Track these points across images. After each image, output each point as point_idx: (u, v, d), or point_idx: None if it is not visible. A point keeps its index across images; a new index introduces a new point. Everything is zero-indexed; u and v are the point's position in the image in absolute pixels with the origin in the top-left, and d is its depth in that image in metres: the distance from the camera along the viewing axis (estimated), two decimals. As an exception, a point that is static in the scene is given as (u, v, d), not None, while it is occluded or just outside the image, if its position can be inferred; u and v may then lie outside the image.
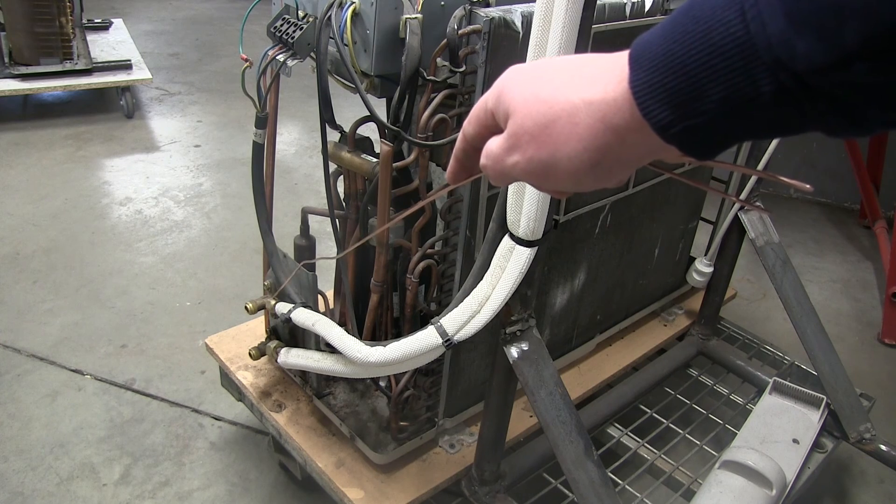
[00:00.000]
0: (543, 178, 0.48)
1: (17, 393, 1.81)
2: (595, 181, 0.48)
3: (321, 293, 1.36)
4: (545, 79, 0.47)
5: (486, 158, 0.51)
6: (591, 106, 0.44)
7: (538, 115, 0.46)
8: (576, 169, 0.46)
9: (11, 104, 3.38)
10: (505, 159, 0.49)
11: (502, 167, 0.50)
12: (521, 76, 0.49)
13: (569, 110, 0.45)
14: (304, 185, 2.96)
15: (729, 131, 0.42)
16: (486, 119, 0.51)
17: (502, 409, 1.22)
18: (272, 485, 1.62)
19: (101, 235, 2.49)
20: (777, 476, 1.33)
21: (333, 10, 1.07)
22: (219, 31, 4.75)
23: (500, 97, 0.49)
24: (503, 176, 0.51)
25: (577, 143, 0.45)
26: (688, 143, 0.43)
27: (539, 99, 0.46)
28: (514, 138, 0.48)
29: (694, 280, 1.77)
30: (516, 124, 0.47)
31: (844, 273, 2.64)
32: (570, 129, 0.45)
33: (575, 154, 0.45)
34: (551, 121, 0.46)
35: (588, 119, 0.44)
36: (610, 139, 0.44)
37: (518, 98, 0.48)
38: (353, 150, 1.23)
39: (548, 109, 0.46)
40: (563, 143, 0.45)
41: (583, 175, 0.47)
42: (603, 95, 0.44)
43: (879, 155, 2.81)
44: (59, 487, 1.58)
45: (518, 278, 1.02)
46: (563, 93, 0.45)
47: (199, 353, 1.96)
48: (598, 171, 0.46)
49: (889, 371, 2.16)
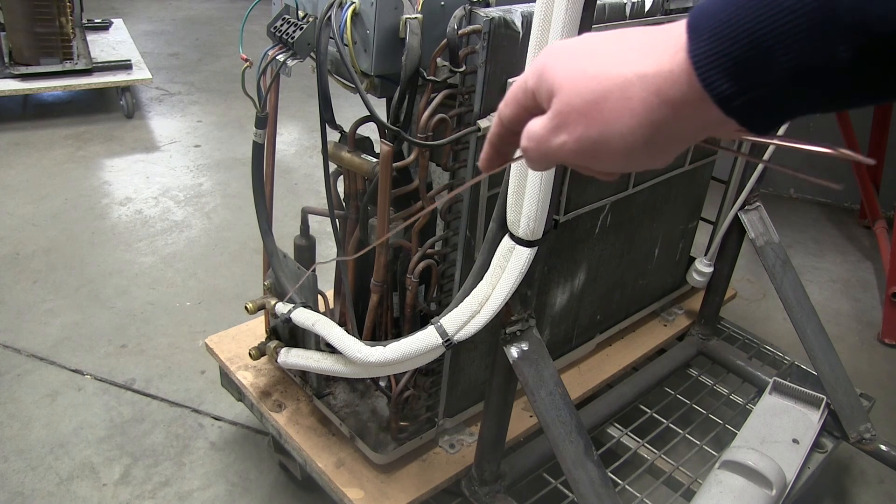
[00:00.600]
0: (592, 157, 0.46)
1: (17, 393, 1.81)
2: (647, 159, 0.45)
3: (321, 293, 1.36)
4: (592, 54, 0.45)
5: (529, 140, 0.48)
6: (644, 79, 0.42)
7: (587, 91, 0.44)
8: (628, 146, 0.44)
9: (11, 104, 3.38)
10: (550, 140, 0.47)
11: (547, 148, 0.47)
12: (564, 52, 0.46)
13: (620, 85, 0.43)
14: (304, 185, 2.96)
15: (795, 103, 0.39)
16: (526, 100, 0.49)
17: (502, 409, 1.22)
18: (272, 485, 1.62)
19: (101, 235, 2.49)
20: (777, 476, 1.33)
21: (333, 10, 1.07)
22: (219, 31, 4.75)
23: (541, 75, 0.47)
24: (547, 158, 0.48)
25: (631, 119, 0.43)
26: (750, 115, 0.40)
27: (587, 75, 0.44)
28: (560, 117, 0.46)
29: (694, 280, 1.77)
30: (563, 102, 0.45)
31: (844, 273, 2.64)
32: (623, 104, 0.43)
33: (628, 131, 0.43)
34: (602, 97, 0.43)
35: (642, 93, 0.42)
36: (665, 114, 0.42)
37: (563, 75, 0.45)
38: (353, 150, 1.23)
39: (597, 85, 0.43)
40: (616, 119, 0.43)
41: (636, 153, 0.44)
42: (657, 68, 0.42)
43: (879, 155, 2.81)
44: (59, 487, 1.58)
45: (518, 278, 1.02)
46: (613, 67, 0.43)
47: (199, 353, 1.96)
48: (651, 147, 0.44)
49: (889, 371, 2.16)
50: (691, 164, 1.61)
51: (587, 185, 1.37)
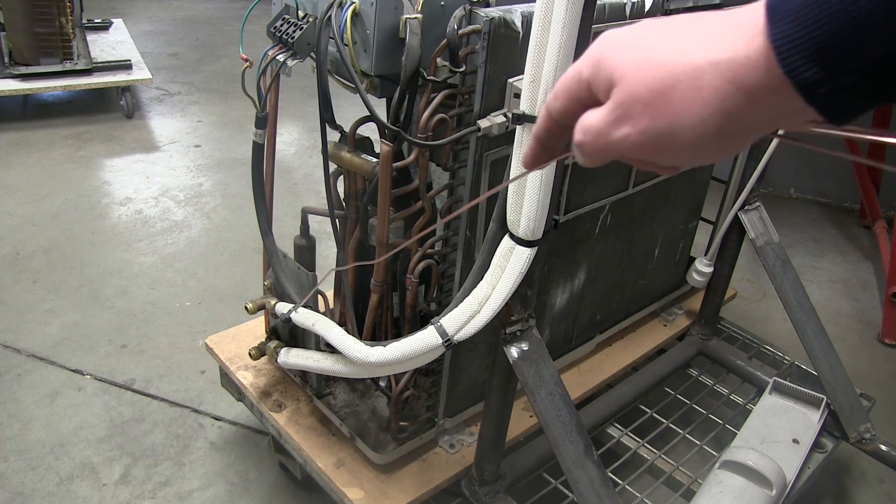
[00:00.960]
0: (657, 151, 0.44)
1: (17, 393, 1.81)
2: (716, 151, 0.43)
3: (321, 293, 1.36)
4: (656, 41, 0.42)
5: (585, 134, 0.45)
6: (717, 66, 0.40)
7: (653, 80, 0.42)
8: (698, 138, 0.42)
9: (11, 104, 3.38)
10: (611, 133, 0.44)
11: (607, 142, 0.45)
12: (624, 40, 0.44)
13: (691, 72, 0.40)
14: (304, 185, 2.96)
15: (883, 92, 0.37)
16: (580, 91, 0.46)
17: (502, 409, 1.22)
18: (272, 485, 1.62)
19: (101, 235, 2.49)
20: (777, 476, 1.33)
21: (333, 10, 1.07)
22: (219, 31, 4.75)
23: (599, 65, 0.44)
24: (605, 152, 0.46)
25: (702, 110, 0.41)
26: (833, 104, 0.38)
27: (652, 63, 0.42)
28: (622, 108, 0.43)
29: (694, 280, 1.77)
30: (626, 93, 0.43)
31: (844, 273, 2.64)
32: (693, 93, 0.40)
33: (699, 121, 0.41)
34: (669, 86, 0.41)
35: (714, 81, 0.40)
36: (740, 103, 0.40)
37: (625, 64, 0.43)
38: (353, 150, 1.23)
39: (664, 73, 0.41)
40: (685, 110, 0.41)
41: (705, 144, 0.42)
42: (732, 54, 0.39)
43: (879, 155, 2.81)
44: (59, 487, 1.58)
45: (518, 278, 1.02)
46: (681, 54, 0.41)
47: (199, 353, 1.96)
48: (722, 139, 0.42)
49: (889, 371, 2.16)
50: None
51: (587, 185, 1.37)
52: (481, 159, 1.11)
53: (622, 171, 1.44)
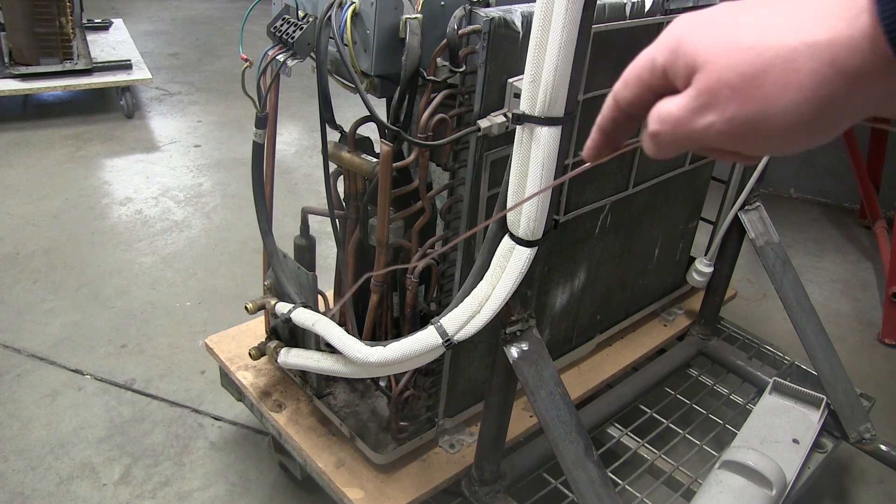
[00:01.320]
0: (744, 139, 0.41)
1: (17, 393, 1.81)
2: (809, 139, 0.41)
3: (321, 293, 1.36)
4: (742, 22, 0.40)
5: (663, 124, 0.43)
6: (815, 48, 0.37)
7: (743, 64, 0.39)
8: (792, 125, 0.39)
9: (11, 104, 3.38)
10: (693, 122, 0.42)
11: (688, 132, 0.42)
12: (705, 23, 0.41)
13: (785, 56, 0.38)
14: (304, 185, 2.96)
15: None
16: (653, 79, 0.44)
17: (502, 409, 1.22)
18: (272, 485, 1.62)
19: (101, 235, 2.49)
20: (777, 476, 1.33)
21: (333, 10, 1.07)
22: (219, 31, 4.75)
23: (677, 49, 0.42)
24: (683, 143, 0.43)
25: (797, 94, 0.38)
26: None
27: (741, 46, 0.39)
28: (707, 95, 0.41)
29: (694, 280, 1.77)
30: (711, 78, 0.40)
31: (844, 273, 2.64)
32: (788, 77, 0.38)
33: (793, 107, 0.39)
34: (761, 70, 0.39)
35: (812, 63, 0.37)
36: (840, 86, 0.38)
37: (710, 48, 0.40)
38: (353, 150, 1.23)
39: (755, 57, 0.39)
40: (779, 95, 0.39)
41: (798, 132, 0.40)
42: (831, 34, 0.37)
43: (879, 155, 2.81)
44: (59, 487, 1.58)
45: (518, 278, 1.02)
46: (773, 35, 0.38)
47: (199, 353, 1.96)
48: (816, 125, 0.39)
49: (889, 371, 2.16)
50: (691, 164, 1.61)
51: (587, 185, 1.37)
52: (481, 159, 1.11)
53: (622, 171, 1.44)
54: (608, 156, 0.50)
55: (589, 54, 1.12)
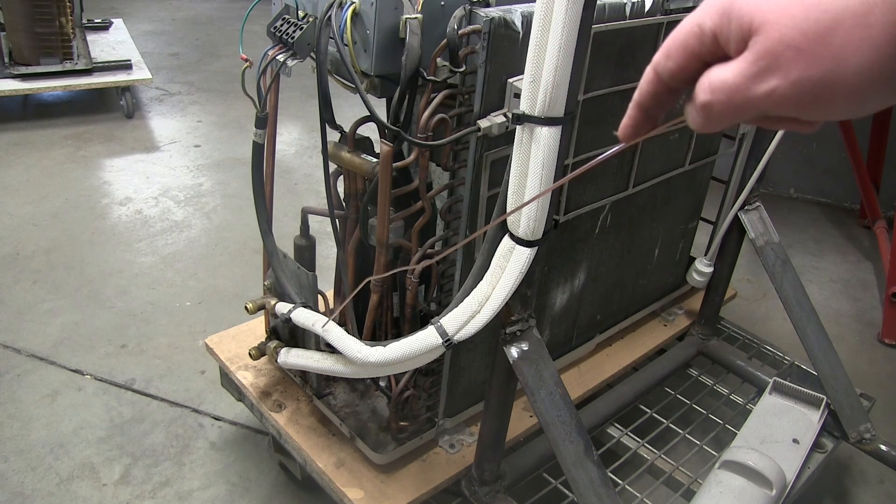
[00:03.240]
0: (811, 104, 0.38)
1: (17, 393, 1.81)
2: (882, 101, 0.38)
3: (321, 293, 1.36)
4: None
5: (716, 93, 0.40)
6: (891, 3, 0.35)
7: (808, 21, 0.36)
8: (865, 85, 0.37)
9: (11, 104, 3.38)
10: (752, 88, 0.39)
11: (746, 99, 0.39)
12: None
13: (855, 9, 0.35)
14: (304, 185, 2.96)
15: None
16: (702, 46, 0.41)
17: (502, 409, 1.22)
18: (272, 485, 1.62)
19: (101, 235, 2.49)
20: (777, 476, 1.33)
21: (333, 10, 1.07)
22: (219, 31, 4.75)
23: (729, 12, 0.39)
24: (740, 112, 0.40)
25: (871, 51, 0.35)
26: None
27: (806, 2, 0.36)
28: (769, 58, 0.37)
29: (694, 280, 1.77)
30: (772, 39, 0.37)
31: (844, 273, 2.64)
32: (861, 33, 0.35)
33: (867, 65, 0.36)
34: (830, 27, 0.36)
35: (889, 16, 0.35)
36: None
37: (767, 6, 0.37)
38: (353, 150, 1.23)
39: (822, 14, 0.36)
40: (851, 53, 0.36)
41: (872, 93, 0.37)
42: None
43: (879, 155, 2.81)
44: (59, 487, 1.58)
45: (518, 278, 1.02)
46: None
47: (199, 353, 1.96)
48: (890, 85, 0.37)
49: (889, 371, 2.16)
50: (691, 164, 1.61)
51: (587, 185, 1.37)
52: (481, 159, 1.11)
53: (622, 171, 1.44)
54: (646, 135, 0.47)
55: (589, 54, 1.13)
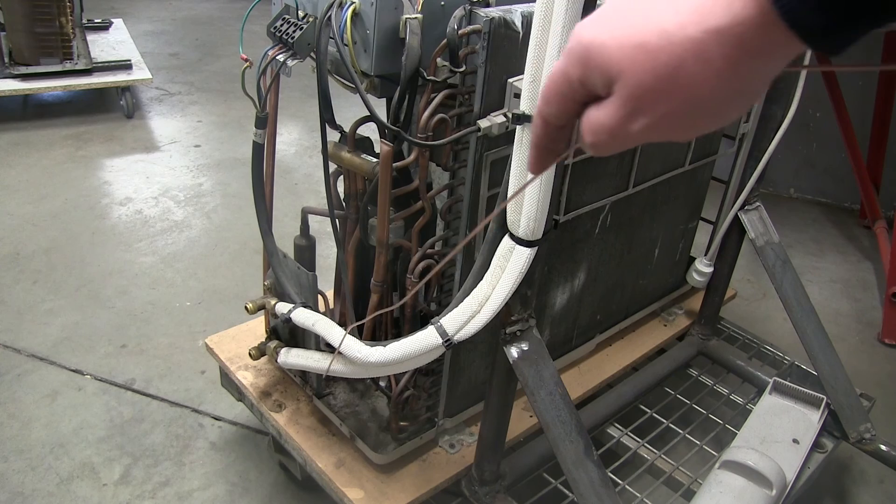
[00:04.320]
0: (682, 129, 0.43)
1: (17, 393, 1.81)
2: (738, 110, 0.43)
3: (321, 293, 1.36)
4: (640, 23, 0.40)
5: (597, 134, 0.44)
6: (720, 35, 0.38)
7: (656, 66, 0.40)
8: (720, 106, 0.41)
9: (11, 104, 3.38)
10: (628, 127, 0.43)
11: (624, 137, 0.43)
12: (605, 29, 0.42)
13: (694, 50, 0.39)
14: (304, 185, 2.96)
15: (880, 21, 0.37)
16: (574, 91, 0.44)
17: (502, 409, 1.22)
18: (272, 485, 1.62)
19: (101, 235, 2.49)
20: (777, 476, 1.33)
21: (333, 10, 1.07)
22: (219, 31, 4.75)
23: (588, 62, 0.42)
24: (622, 145, 0.44)
25: (716, 81, 0.40)
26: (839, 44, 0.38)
27: (649, 49, 0.40)
28: (634, 101, 0.41)
29: (694, 280, 1.77)
30: (632, 86, 0.41)
31: (844, 273, 2.64)
32: (704, 67, 0.39)
33: (716, 91, 0.40)
34: (676, 68, 0.39)
35: (722, 50, 0.39)
36: (752, 63, 0.39)
37: (619, 55, 0.41)
38: (353, 150, 1.23)
39: (667, 57, 0.39)
40: (700, 85, 0.40)
41: (727, 109, 0.42)
42: (731, 19, 0.38)
43: (879, 155, 2.81)
44: (59, 487, 1.58)
45: (518, 278, 1.02)
46: (676, 31, 0.39)
47: (199, 353, 1.96)
48: (742, 98, 0.42)
49: (889, 371, 2.16)
50: (691, 164, 1.61)
51: (587, 184, 1.37)
52: (481, 159, 1.11)
53: (622, 171, 1.44)
54: (552, 164, 0.51)
55: (589, 54, 1.12)
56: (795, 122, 1.56)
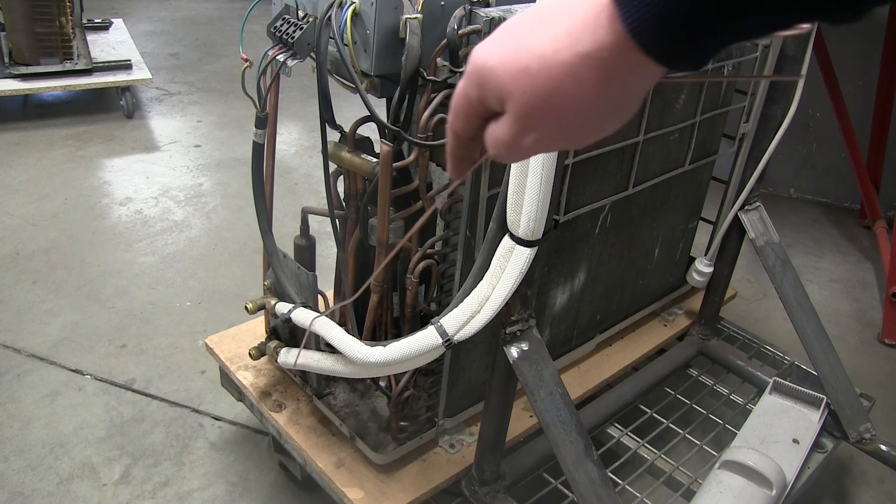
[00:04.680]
0: (566, 142, 0.48)
1: (17, 393, 1.81)
2: (618, 122, 0.47)
3: (321, 293, 1.36)
4: (523, 48, 0.44)
5: (497, 147, 0.49)
6: (589, 59, 0.42)
7: (537, 88, 0.44)
8: (597, 121, 0.46)
9: (11, 104, 3.38)
10: (521, 142, 0.47)
11: (520, 150, 0.48)
12: (495, 54, 0.46)
13: (569, 72, 0.43)
14: (304, 185, 2.96)
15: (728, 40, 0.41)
16: (475, 110, 0.49)
17: (502, 409, 1.22)
18: (272, 485, 1.62)
19: (101, 235, 2.49)
20: (777, 476, 1.33)
21: (333, 10, 1.07)
22: (219, 31, 4.75)
23: (482, 84, 0.47)
24: (521, 156, 0.49)
25: (590, 100, 0.44)
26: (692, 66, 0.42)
27: (530, 73, 0.44)
28: (523, 119, 0.46)
29: (694, 280, 1.77)
30: (519, 105, 0.45)
31: (844, 273, 2.64)
32: (578, 88, 0.43)
33: (592, 109, 0.44)
34: (554, 90, 0.44)
35: (591, 72, 0.43)
36: (619, 82, 0.43)
37: (507, 78, 0.45)
38: (353, 150, 1.23)
39: (545, 80, 0.44)
40: (577, 103, 0.44)
41: (605, 122, 0.46)
42: (596, 44, 0.42)
43: (879, 155, 2.81)
44: (59, 487, 1.58)
45: (518, 278, 1.02)
46: (553, 56, 0.43)
47: (199, 353, 1.96)
48: (618, 113, 0.46)
49: (889, 371, 2.16)
50: (691, 164, 1.61)
51: (587, 185, 1.37)
52: (481, 159, 1.11)
53: (622, 171, 1.44)
54: (469, 170, 0.56)
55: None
56: (795, 122, 1.56)
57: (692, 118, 1.52)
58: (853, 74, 2.81)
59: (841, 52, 2.62)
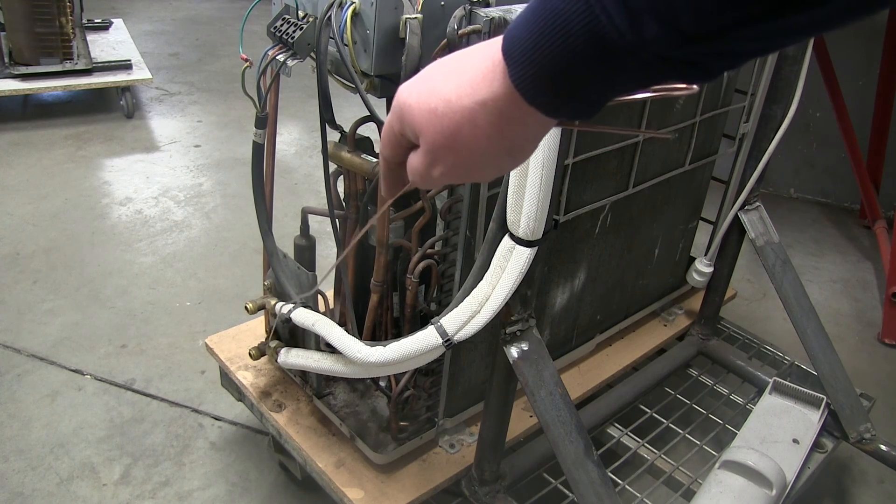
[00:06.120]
0: (469, 177, 0.53)
1: (17, 393, 1.81)
2: (513, 162, 0.52)
3: (321, 293, 1.36)
4: (434, 92, 0.49)
5: (413, 175, 0.54)
6: (485, 107, 0.47)
7: (443, 128, 0.49)
8: (495, 161, 0.51)
9: (11, 104, 3.38)
10: (430, 173, 0.52)
11: (430, 180, 0.53)
12: (413, 95, 0.51)
13: (468, 117, 0.48)
14: (304, 185, 2.96)
15: (605, 97, 0.46)
16: (399, 141, 0.54)
17: (502, 409, 1.22)
18: (272, 485, 1.62)
19: (101, 235, 2.49)
20: (777, 476, 1.33)
21: (333, 10, 1.07)
22: (219, 31, 4.75)
23: (402, 120, 0.52)
24: (433, 185, 0.55)
25: (487, 142, 0.49)
26: (575, 116, 0.47)
27: (437, 114, 0.49)
28: (431, 154, 0.51)
29: (694, 280, 1.77)
30: (428, 141, 0.50)
31: (844, 273, 2.64)
32: (476, 131, 0.48)
33: (489, 150, 0.49)
34: (456, 131, 0.49)
35: (487, 118, 0.47)
36: (513, 129, 0.48)
37: (420, 117, 0.50)
38: (353, 150, 1.23)
39: (449, 122, 0.48)
40: (475, 145, 0.49)
41: (502, 163, 0.51)
42: (492, 94, 0.47)
43: (879, 155, 2.81)
44: (59, 487, 1.58)
45: (518, 278, 1.02)
46: (456, 101, 0.48)
47: (199, 353, 1.96)
48: (513, 155, 0.51)
49: (889, 371, 2.16)
50: (691, 164, 1.61)
51: (587, 184, 1.37)
52: (481, 159, 1.11)
53: (622, 171, 1.44)
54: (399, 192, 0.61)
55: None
56: (795, 122, 1.56)
57: (692, 118, 1.52)
58: (853, 74, 2.81)
59: (841, 52, 2.62)
